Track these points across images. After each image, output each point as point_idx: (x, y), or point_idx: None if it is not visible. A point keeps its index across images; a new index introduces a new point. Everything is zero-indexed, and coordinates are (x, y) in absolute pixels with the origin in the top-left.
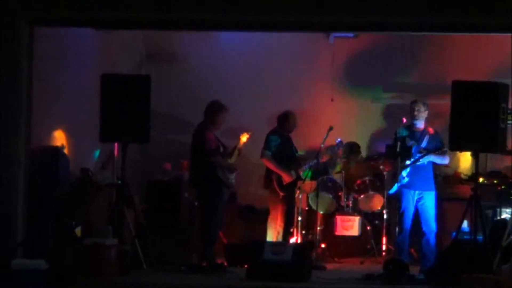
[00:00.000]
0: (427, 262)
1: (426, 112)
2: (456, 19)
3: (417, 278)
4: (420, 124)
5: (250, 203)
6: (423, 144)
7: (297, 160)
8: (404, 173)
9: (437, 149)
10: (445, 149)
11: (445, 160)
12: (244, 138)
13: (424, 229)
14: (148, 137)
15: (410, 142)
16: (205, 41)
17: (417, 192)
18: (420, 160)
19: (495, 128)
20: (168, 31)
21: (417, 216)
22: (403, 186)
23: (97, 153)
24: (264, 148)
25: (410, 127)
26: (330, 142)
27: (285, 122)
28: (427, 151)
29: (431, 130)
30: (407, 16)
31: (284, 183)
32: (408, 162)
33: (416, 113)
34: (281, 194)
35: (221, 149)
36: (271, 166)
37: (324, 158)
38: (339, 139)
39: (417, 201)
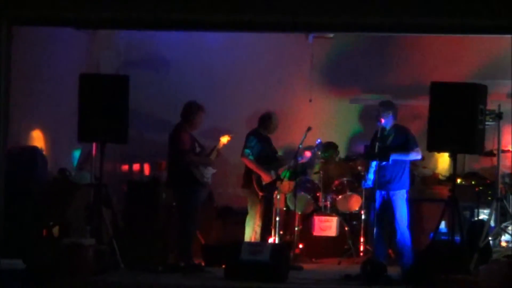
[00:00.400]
0: (406, 259)
1: (391, 111)
2: (446, 20)
3: (395, 279)
4: (387, 124)
5: (228, 203)
6: (388, 143)
7: (277, 160)
8: (370, 175)
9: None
10: (412, 146)
11: (412, 156)
12: (224, 139)
13: (396, 227)
14: (126, 137)
15: (377, 143)
16: (184, 42)
17: (385, 192)
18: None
19: (473, 129)
20: (147, 32)
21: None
22: (374, 187)
23: (77, 153)
24: (245, 147)
25: (382, 128)
26: (309, 142)
27: (268, 122)
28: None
29: (400, 128)
30: (387, 16)
31: (264, 183)
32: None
33: (380, 113)
34: (261, 194)
35: (198, 150)
36: (251, 165)
37: (305, 155)
38: (319, 140)
39: (388, 201)
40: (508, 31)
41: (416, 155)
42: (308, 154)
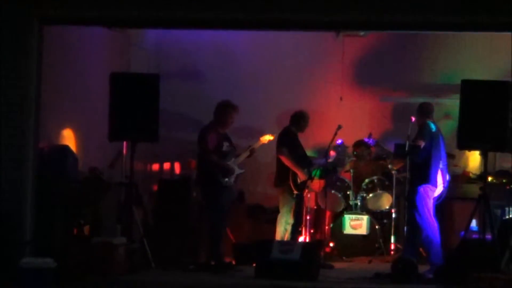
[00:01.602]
0: (433, 257)
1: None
2: (466, 18)
3: (426, 278)
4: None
5: (258, 202)
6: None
7: (308, 159)
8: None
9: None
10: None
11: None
12: (265, 139)
13: (419, 224)
14: (157, 136)
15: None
16: (214, 41)
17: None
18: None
19: (504, 127)
20: (177, 31)
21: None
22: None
23: None
24: (281, 145)
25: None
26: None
27: (300, 120)
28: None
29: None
30: (416, 15)
31: (299, 181)
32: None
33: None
34: (295, 192)
35: (227, 149)
36: (289, 163)
37: (330, 154)
38: (340, 141)
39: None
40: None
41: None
42: (332, 153)
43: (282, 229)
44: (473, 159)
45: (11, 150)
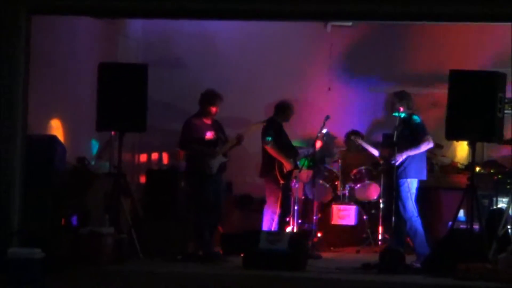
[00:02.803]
0: (419, 248)
1: (401, 102)
2: (458, 8)
3: (414, 268)
4: (402, 113)
5: (246, 192)
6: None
7: (294, 149)
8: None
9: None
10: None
11: (423, 148)
12: (255, 127)
13: (403, 216)
14: (145, 126)
15: (396, 132)
16: (202, 31)
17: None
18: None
19: (492, 117)
20: (165, 21)
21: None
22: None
23: (95, 142)
24: (266, 135)
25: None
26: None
27: (285, 110)
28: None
29: (409, 117)
30: (406, 5)
31: (285, 171)
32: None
33: (389, 105)
34: (281, 182)
35: (210, 137)
36: (274, 153)
37: (317, 144)
38: (326, 130)
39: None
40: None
41: (427, 145)
42: (319, 143)
43: (269, 219)
44: (461, 149)
45: None
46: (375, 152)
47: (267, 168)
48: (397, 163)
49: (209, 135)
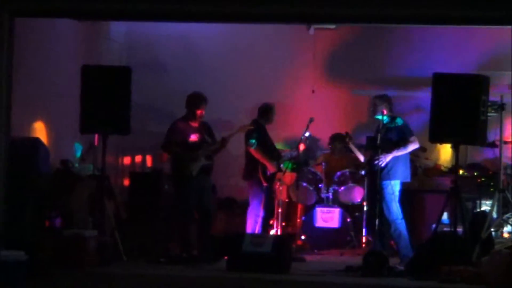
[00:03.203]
0: (402, 250)
1: (383, 105)
2: (448, 11)
3: (397, 270)
4: (384, 116)
5: (230, 195)
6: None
7: (278, 151)
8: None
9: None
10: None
11: (410, 148)
12: (242, 130)
13: (387, 218)
14: (129, 128)
15: (380, 135)
16: (186, 34)
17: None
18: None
19: (476, 120)
20: (148, 24)
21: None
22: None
23: (78, 145)
24: (250, 138)
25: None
26: (311, 133)
27: (268, 113)
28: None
29: (394, 118)
30: (390, 8)
31: (269, 174)
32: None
33: (372, 108)
34: (265, 184)
35: (194, 140)
36: (258, 155)
37: (300, 147)
38: (308, 133)
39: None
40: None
41: (414, 145)
42: (302, 146)
43: (253, 221)
44: (445, 152)
45: None
46: (361, 158)
47: (250, 171)
48: (382, 164)
49: (193, 137)
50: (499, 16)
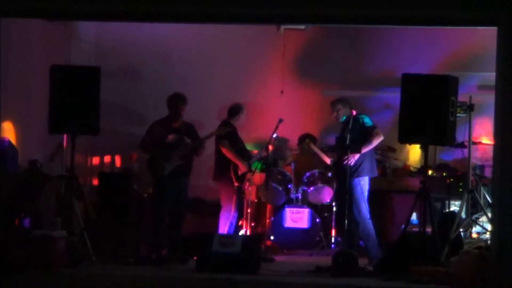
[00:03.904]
0: (371, 251)
1: (345, 108)
2: (417, 12)
3: (367, 271)
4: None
5: (198, 195)
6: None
7: (248, 151)
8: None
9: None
10: (371, 130)
11: (375, 142)
12: (218, 132)
13: (356, 217)
14: (98, 128)
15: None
16: (156, 34)
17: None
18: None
19: (445, 121)
20: (119, 24)
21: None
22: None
23: None
24: (222, 137)
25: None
26: (280, 134)
27: (238, 113)
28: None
29: (355, 117)
30: (360, 9)
31: (240, 173)
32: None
33: (335, 114)
34: (236, 184)
35: (171, 140)
36: (230, 155)
37: (269, 148)
38: (275, 135)
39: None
40: (480, 23)
41: (378, 138)
42: (270, 148)
43: (226, 222)
44: (414, 153)
45: None
46: (327, 160)
47: (221, 171)
48: (351, 163)
49: (170, 138)
50: (470, 17)
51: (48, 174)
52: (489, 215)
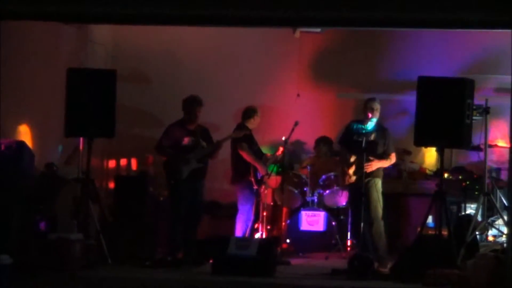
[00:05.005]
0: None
1: (378, 110)
2: (434, 15)
3: (382, 274)
4: (373, 120)
5: (215, 198)
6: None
7: (263, 154)
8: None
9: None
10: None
11: (387, 164)
12: (235, 135)
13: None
14: (113, 131)
15: (364, 138)
16: (173, 37)
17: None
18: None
19: (461, 124)
20: (135, 27)
21: None
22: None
23: (60, 148)
24: (240, 141)
25: (363, 122)
26: (296, 137)
27: (252, 116)
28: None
29: (382, 128)
30: (376, 11)
31: (259, 177)
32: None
33: (370, 112)
34: (256, 187)
35: (188, 143)
36: (249, 158)
37: (279, 151)
38: (283, 138)
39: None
40: (495, 26)
41: (390, 162)
42: (280, 150)
43: (243, 226)
44: (430, 156)
45: None
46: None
47: (240, 174)
48: (370, 170)
49: (186, 140)
50: (487, 20)
51: (64, 177)
52: (505, 218)
